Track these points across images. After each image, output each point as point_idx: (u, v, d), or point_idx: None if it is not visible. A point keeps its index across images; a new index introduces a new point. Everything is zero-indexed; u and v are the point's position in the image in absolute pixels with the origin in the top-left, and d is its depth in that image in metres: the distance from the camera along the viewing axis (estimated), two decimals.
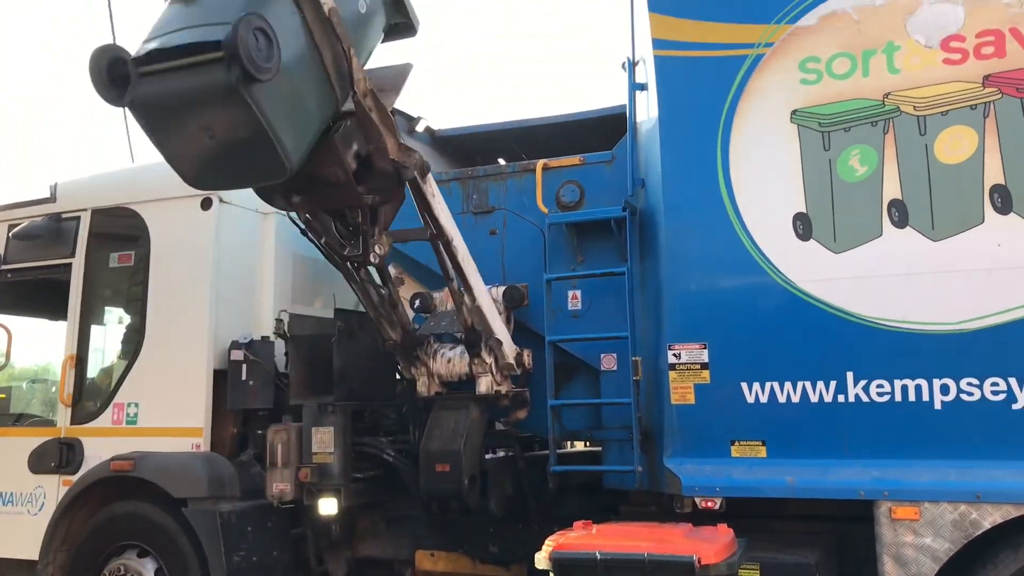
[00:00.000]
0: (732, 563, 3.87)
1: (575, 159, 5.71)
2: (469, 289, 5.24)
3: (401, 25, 5.22)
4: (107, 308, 6.88)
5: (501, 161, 6.50)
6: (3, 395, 7.14)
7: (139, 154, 7.53)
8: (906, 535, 4.29)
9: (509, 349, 5.44)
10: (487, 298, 5.39)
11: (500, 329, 5.40)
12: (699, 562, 3.71)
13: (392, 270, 6.00)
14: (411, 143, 6.53)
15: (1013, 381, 4.21)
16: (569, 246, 5.53)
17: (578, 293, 5.45)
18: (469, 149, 6.90)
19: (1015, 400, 4.21)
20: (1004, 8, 4.43)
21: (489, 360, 5.31)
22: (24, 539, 6.20)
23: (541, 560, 4.02)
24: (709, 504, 4.66)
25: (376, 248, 4.84)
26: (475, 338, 5.25)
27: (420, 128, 6.80)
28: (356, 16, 4.65)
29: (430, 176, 4.97)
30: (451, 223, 5.18)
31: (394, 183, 4.71)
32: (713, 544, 3.88)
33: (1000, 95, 4.38)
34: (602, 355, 5.36)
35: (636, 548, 3.90)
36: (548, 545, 4.05)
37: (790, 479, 4.53)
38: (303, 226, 5.04)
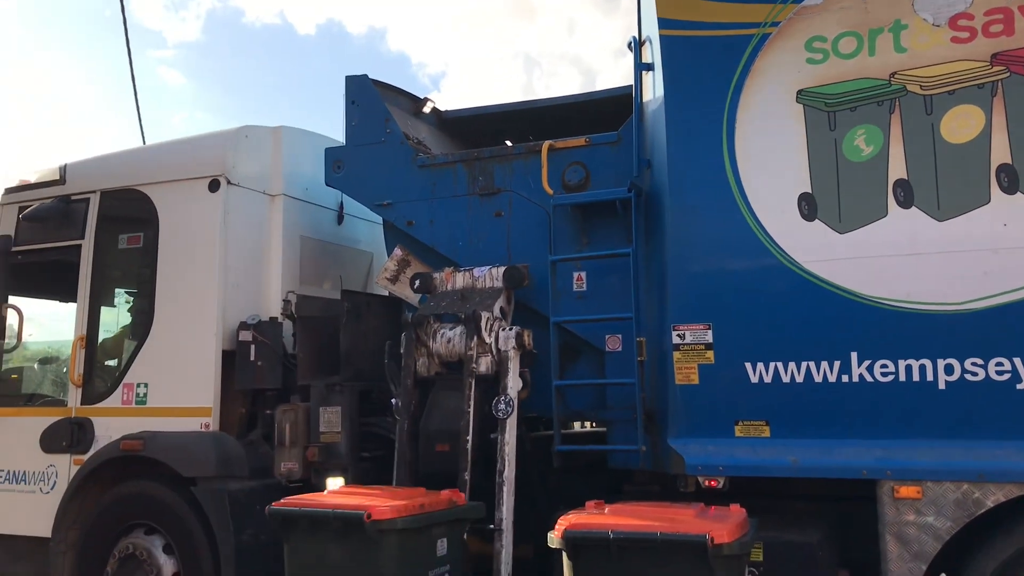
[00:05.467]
0: (744, 543, 3.83)
1: (581, 140, 5.69)
2: None
3: None
4: (116, 289, 6.93)
5: (508, 143, 6.49)
6: (15, 375, 7.21)
7: (149, 134, 7.51)
8: (908, 514, 4.31)
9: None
10: None
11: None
12: (712, 541, 3.65)
13: (398, 251, 6.03)
14: (417, 125, 6.53)
15: (1018, 361, 4.21)
16: (574, 227, 5.53)
17: (583, 274, 5.44)
18: (476, 131, 6.90)
19: (1019, 380, 4.20)
20: None
21: (489, 340, 5.30)
22: (37, 517, 6.27)
23: (554, 539, 3.99)
24: (712, 483, 4.68)
25: None
26: (476, 317, 5.25)
27: (427, 110, 6.82)
28: None
29: None
30: None
31: None
32: (725, 524, 3.83)
33: (1008, 73, 4.34)
34: (607, 336, 5.36)
35: (649, 527, 3.85)
36: (561, 524, 4.01)
37: (793, 459, 4.54)
38: None
